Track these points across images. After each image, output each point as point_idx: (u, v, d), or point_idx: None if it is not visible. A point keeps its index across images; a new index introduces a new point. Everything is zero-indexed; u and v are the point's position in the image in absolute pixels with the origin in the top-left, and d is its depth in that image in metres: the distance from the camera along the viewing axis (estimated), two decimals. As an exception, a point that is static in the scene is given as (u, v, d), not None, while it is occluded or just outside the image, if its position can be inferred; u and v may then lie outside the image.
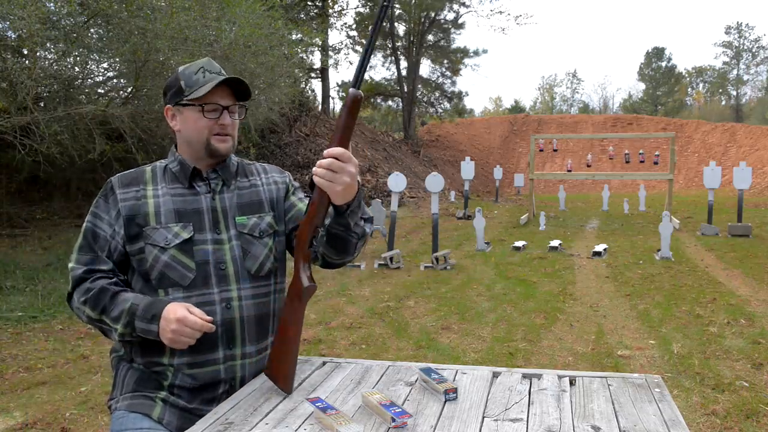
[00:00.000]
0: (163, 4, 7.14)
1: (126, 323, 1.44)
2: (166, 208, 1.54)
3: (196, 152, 1.59)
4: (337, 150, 1.36)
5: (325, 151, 1.38)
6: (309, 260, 1.47)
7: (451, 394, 1.37)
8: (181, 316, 1.39)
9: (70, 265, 1.54)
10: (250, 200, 1.63)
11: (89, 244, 1.54)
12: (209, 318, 1.44)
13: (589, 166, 15.03)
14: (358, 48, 24.94)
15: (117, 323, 1.45)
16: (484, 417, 1.28)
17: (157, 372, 1.52)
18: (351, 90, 1.39)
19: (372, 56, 1.41)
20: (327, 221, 1.52)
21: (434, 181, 7.82)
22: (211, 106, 1.55)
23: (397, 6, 24.16)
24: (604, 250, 8.35)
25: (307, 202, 1.66)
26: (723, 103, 51.43)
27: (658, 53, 49.83)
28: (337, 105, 26.32)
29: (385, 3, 1.36)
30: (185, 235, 1.52)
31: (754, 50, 49.35)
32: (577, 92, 70.00)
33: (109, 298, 1.47)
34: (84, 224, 1.57)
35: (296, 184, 1.76)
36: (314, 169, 1.39)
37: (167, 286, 1.51)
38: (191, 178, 1.59)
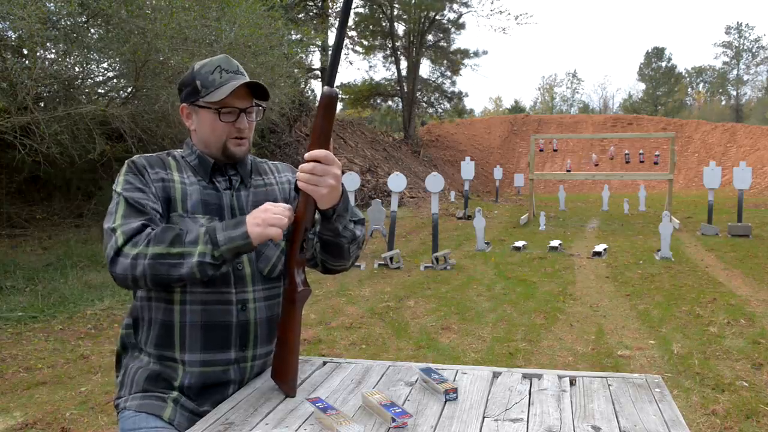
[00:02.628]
0: (163, 4, 7.13)
1: (206, 240, 1.33)
2: (193, 197, 1.50)
3: (212, 153, 1.56)
4: (320, 152, 1.35)
5: (307, 154, 1.36)
6: (303, 265, 1.46)
7: (451, 394, 1.37)
8: (266, 206, 1.36)
9: (116, 225, 1.38)
10: (265, 199, 1.60)
11: (136, 211, 1.41)
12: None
13: (597, 165, 15.02)
14: (358, 48, 24.97)
15: (194, 246, 1.33)
16: (484, 417, 1.28)
17: (168, 367, 1.50)
18: (325, 88, 1.36)
19: (343, 53, 1.40)
20: (317, 228, 1.52)
21: (434, 181, 7.82)
22: (228, 110, 1.51)
23: (396, 6, 24.17)
24: (604, 250, 8.35)
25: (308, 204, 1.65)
26: (723, 103, 51.43)
27: (658, 53, 49.83)
28: (337, 105, 26.24)
29: None
30: None
31: (754, 50, 49.36)
32: (577, 92, 70.12)
33: (178, 230, 1.37)
34: (119, 198, 1.43)
35: None
36: (297, 173, 1.37)
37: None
38: (211, 173, 1.56)
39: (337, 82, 1.43)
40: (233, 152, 1.54)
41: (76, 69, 7.48)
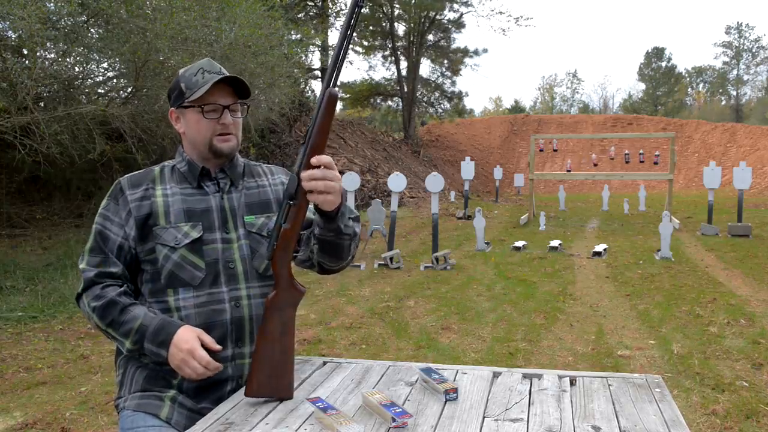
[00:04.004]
0: (163, 4, 7.13)
1: (135, 341, 1.46)
2: (176, 207, 1.55)
3: (201, 153, 1.59)
4: (328, 158, 1.35)
5: (317, 159, 1.34)
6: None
7: (451, 394, 1.37)
8: (191, 348, 1.41)
9: (81, 266, 1.56)
10: (258, 200, 1.63)
11: (99, 246, 1.55)
12: (218, 347, 1.45)
13: (596, 165, 15.01)
14: (358, 48, 24.96)
15: (126, 339, 1.47)
16: (484, 417, 1.28)
17: (167, 371, 1.52)
18: (328, 89, 1.35)
19: (347, 53, 1.35)
20: (316, 230, 1.52)
21: (434, 181, 7.82)
22: (211, 107, 1.54)
23: (397, 6, 24.16)
24: (604, 250, 8.35)
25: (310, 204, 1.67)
26: (723, 103, 51.41)
27: (658, 53, 49.82)
28: (337, 105, 26.18)
29: (360, 2, 1.32)
30: (195, 235, 1.53)
31: (754, 50, 49.34)
32: (577, 92, 70.02)
33: (118, 313, 1.48)
34: (93, 226, 1.58)
35: None
36: (310, 175, 1.34)
37: (177, 286, 1.51)
38: (200, 178, 1.59)
39: (336, 82, 1.42)
40: (220, 148, 1.57)
41: (76, 69, 7.49)
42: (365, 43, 25.11)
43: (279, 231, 1.40)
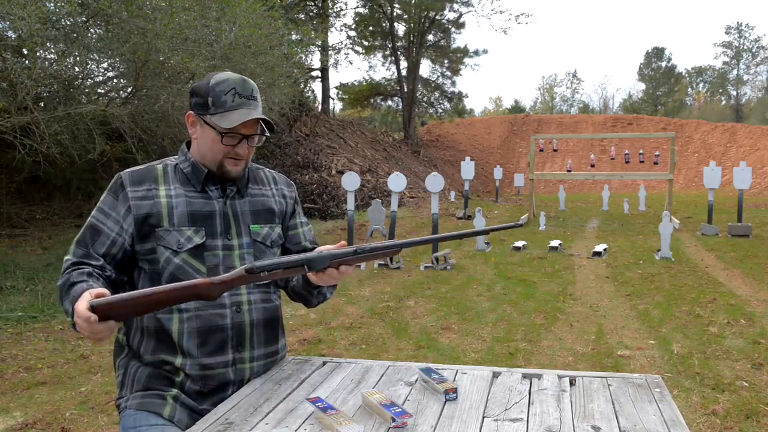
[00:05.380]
0: (163, 4, 7.13)
1: (70, 316, 1.34)
2: (180, 210, 1.53)
3: (208, 166, 1.58)
4: (352, 270, 1.48)
5: (345, 269, 1.45)
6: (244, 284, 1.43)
7: (451, 394, 1.37)
8: (76, 307, 1.27)
9: (69, 250, 1.53)
10: (262, 208, 1.64)
11: (85, 240, 1.51)
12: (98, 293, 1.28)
13: (593, 166, 15.02)
14: (358, 48, 24.98)
15: (68, 316, 1.36)
16: (484, 417, 1.28)
17: (167, 372, 1.52)
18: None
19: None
20: (293, 281, 1.65)
21: (434, 181, 7.82)
22: (231, 134, 1.52)
23: (397, 6, 24.17)
24: (604, 250, 8.35)
25: (306, 227, 1.74)
26: (723, 103, 51.40)
27: (658, 53, 49.82)
28: (337, 105, 26.31)
29: None
30: (198, 240, 1.52)
31: (754, 50, 49.32)
32: (577, 92, 69.99)
33: (66, 291, 1.39)
34: (89, 218, 1.54)
35: (299, 200, 1.79)
36: (330, 273, 1.44)
37: None
38: (204, 182, 1.58)
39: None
40: (228, 171, 1.56)
41: (76, 69, 7.47)
42: (365, 43, 25.13)
43: (280, 268, 1.41)
